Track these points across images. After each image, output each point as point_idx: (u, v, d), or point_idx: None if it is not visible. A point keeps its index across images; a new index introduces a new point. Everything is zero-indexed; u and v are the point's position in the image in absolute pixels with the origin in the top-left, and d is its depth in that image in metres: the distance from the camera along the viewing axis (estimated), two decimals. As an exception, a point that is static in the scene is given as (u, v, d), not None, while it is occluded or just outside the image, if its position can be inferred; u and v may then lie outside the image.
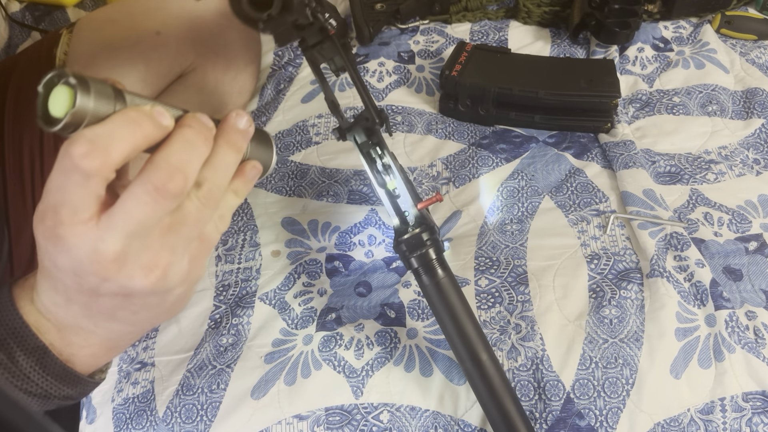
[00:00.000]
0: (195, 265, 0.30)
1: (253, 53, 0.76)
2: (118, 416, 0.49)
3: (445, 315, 0.41)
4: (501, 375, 0.41)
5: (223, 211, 0.31)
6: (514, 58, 0.73)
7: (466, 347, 0.41)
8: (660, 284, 0.51)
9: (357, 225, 0.59)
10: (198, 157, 0.28)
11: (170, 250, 0.28)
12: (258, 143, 0.33)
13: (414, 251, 0.41)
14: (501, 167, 0.64)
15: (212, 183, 0.29)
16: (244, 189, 0.32)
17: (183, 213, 0.28)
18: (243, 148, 0.30)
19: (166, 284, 0.28)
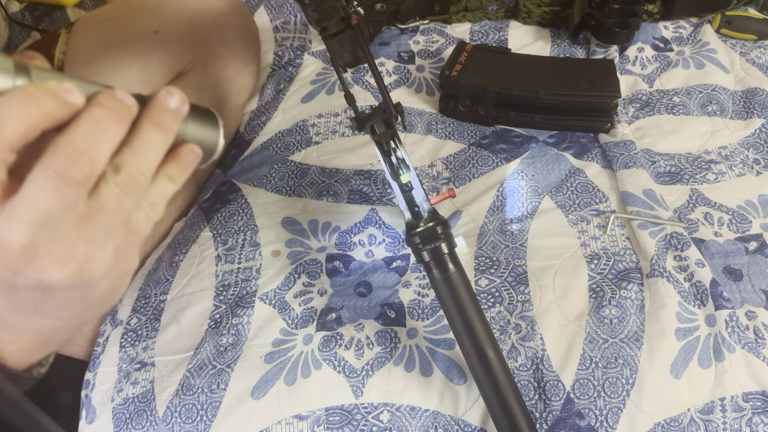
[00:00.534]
0: (121, 257, 0.28)
1: (252, 52, 0.76)
2: (118, 416, 0.49)
3: (453, 310, 0.41)
4: (506, 373, 0.41)
5: (155, 198, 0.28)
6: (514, 58, 0.73)
7: (473, 343, 0.41)
8: (660, 284, 0.51)
9: (357, 225, 0.59)
10: (109, 140, 0.25)
11: (87, 240, 0.26)
12: (200, 124, 0.30)
13: (427, 244, 0.41)
14: (501, 167, 0.64)
15: (134, 167, 0.26)
16: (179, 174, 0.29)
17: (100, 200, 0.25)
18: (172, 128, 0.27)
19: (85, 277, 0.26)
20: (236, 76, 0.72)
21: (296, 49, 0.81)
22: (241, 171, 0.67)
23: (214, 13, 0.70)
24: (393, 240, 0.58)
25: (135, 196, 0.26)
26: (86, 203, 0.25)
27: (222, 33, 0.70)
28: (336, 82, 0.76)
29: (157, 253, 0.61)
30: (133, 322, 0.55)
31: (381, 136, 0.43)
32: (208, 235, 0.60)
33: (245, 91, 0.75)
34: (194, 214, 0.63)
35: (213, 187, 0.66)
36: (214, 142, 0.31)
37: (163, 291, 0.56)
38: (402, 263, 0.56)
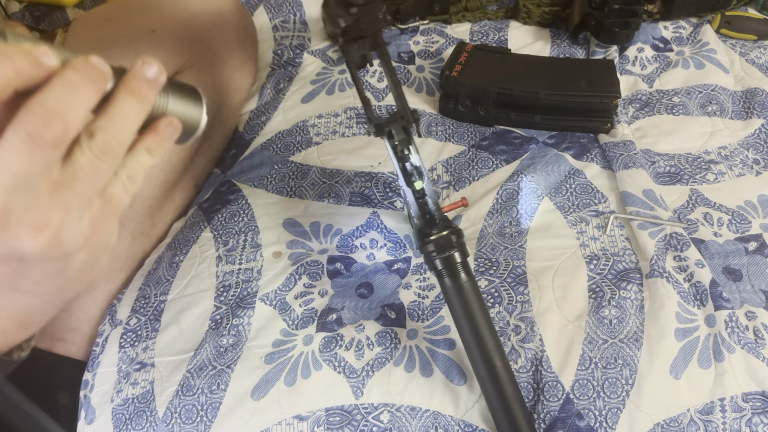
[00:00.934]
0: (98, 229, 0.27)
1: (249, 51, 0.76)
2: (118, 417, 0.49)
3: (463, 319, 0.42)
4: (513, 383, 0.41)
5: (132, 170, 0.28)
6: (514, 58, 0.73)
7: (481, 352, 0.41)
8: (660, 284, 0.51)
9: (359, 228, 0.59)
10: (82, 102, 0.25)
11: (63, 208, 0.25)
12: (181, 99, 0.30)
13: (441, 252, 0.41)
14: (500, 169, 0.64)
15: (108, 134, 0.26)
16: (157, 147, 0.29)
17: (74, 166, 0.25)
18: (149, 98, 0.27)
19: (61, 247, 0.26)
20: (234, 74, 0.72)
21: (295, 48, 0.81)
22: (241, 171, 0.67)
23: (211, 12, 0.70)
24: (394, 245, 0.58)
25: (110, 163, 0.26)
26: (61, 170, 0.25)
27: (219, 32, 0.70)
28: (336, 82, 0.76)
29: (156, 254, 0.61)
30: (133, 322, 0.55)
31: (400, 143, 0.43)
32: (208, 236, 0.60)
33: (243, 90, 0.75)
34: (194, 215, 0.63)
35: (213, 187, 0.66)
36: (197, 118, 0.31)
37: (163, 291, 0.56)
38: (403, 266, 0.56)
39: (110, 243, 0.30)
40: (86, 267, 0.29)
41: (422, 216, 0.43)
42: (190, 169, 0.66)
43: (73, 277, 0.29)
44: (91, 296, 0.58)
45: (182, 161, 0.64)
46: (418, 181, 0.43)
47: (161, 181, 0.62)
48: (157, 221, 0.63)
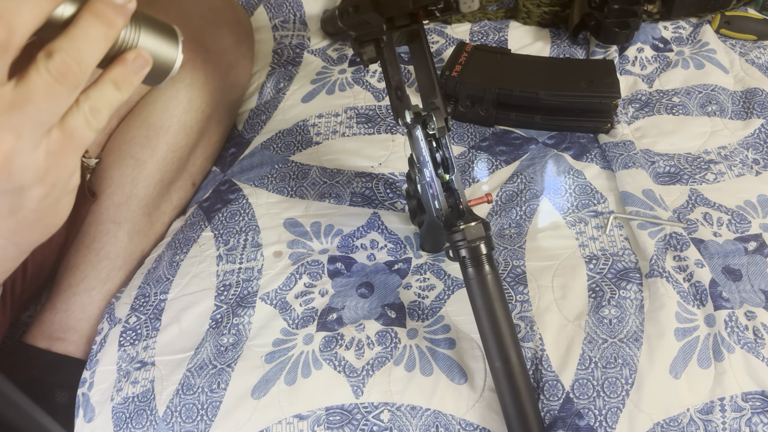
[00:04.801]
0: (57, 163, 0.25)
1: (244, 47, 0.75)
2: (118, 415, 0.49)
3: (483, 311, 0.42)
4: (526, 380, 0.42)
5: (97, 102, 0.26)
6: (514, 58, 0.73)
7: (498, 346, 0.41)
8: (659, 284, 0.51)
9: (359, 229, 0.59)
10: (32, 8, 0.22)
11: (14, 133, 0.23)
12: (154, 35, 0.28)
13: (470, 242, 0.41)
14: (500, 170, 0.64)
15: (67, 54, 0.23)
16: (126, 81, 0.26)
17: (28, 87, 0.23)
18: (115, 23, 0.25)
19: (11, 177, 0.24)
20: (229, 72, 0.72)
21: (295, 47, 0.81)
22: (241, 170, 0.67)
23: (204, 9, 0.70)
24: (395, 245, 0.58)
25: (69, 87, 0.24)
26: (13, 90, 0.23)
27: (213, 29, 0.69)
28: (336, 81, 0.76)
29: (156, 252, 0.61)
30: (132, 320, 0.55)
31: (439, 132, 0.43)
32: (209, 235, 0.60)
33: (240, 87, 0.75)
34: (194, 214, 0.63)
35: (212, 186, 0.66)
36: (171, 56, 0.28)
37: (163, 290, 0.56)
38: (403, 266, 0.56)
39: (72, 184, 0.28)
40: (43, 209, 0.27)
41: (449, 207, 0.43)
42: (187, 168, 0.66)
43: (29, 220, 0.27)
44: (90, 295, 0.58)
45: (179, 160, 0.64)
46: (447, 173, 0.43)
47: (157, 181, 0.62)
48: (154, 220, 0.63)
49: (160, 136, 0.62)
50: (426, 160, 0.43)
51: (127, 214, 0.60)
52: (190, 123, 0.64)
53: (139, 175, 0.61)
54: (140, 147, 0.61)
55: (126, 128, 0.62)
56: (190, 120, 0.63)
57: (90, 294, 0.58)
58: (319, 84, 0.76)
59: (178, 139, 0.63)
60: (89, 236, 0.59)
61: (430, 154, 0.43)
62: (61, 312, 0.57)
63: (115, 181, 0.60)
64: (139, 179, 0.61)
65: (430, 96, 0.45)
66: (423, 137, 0.44)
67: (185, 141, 0.64)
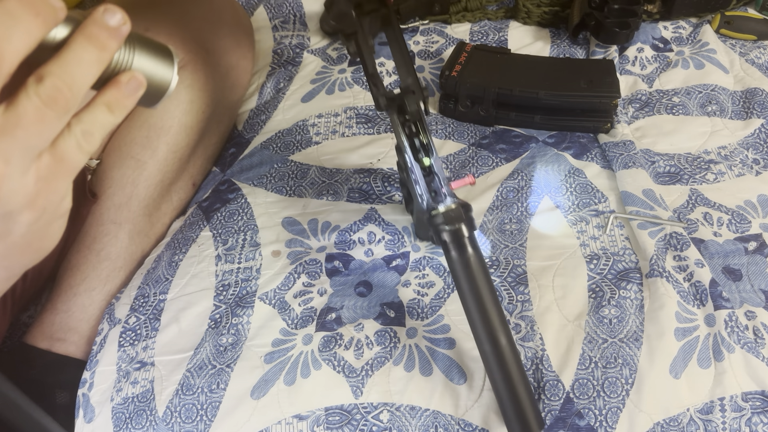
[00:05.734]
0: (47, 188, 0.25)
1: (245, 48, 0.76)
2: (118, 416, 0.49)
3: (469, 294, 0.40)
4: (517, 362, 0.40)
5: (89, 126, 0.25)
6: (514, 58, 0.73)
7: (486, 329, 0.40)
8: (659, 284, 0.51)
9: (356, 222, 0.59)
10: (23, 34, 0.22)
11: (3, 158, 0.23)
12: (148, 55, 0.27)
13: (449, 224, 0.40)
14: (500, 167, 0.64)
15: (59, 79, 0.23)
16: (119, 104, 0.26)
17: (18, 112, 0.22)
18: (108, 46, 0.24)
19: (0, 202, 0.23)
20: (229, 72, 0.72)
21: (295, 47, 0.81)
22: (241, 170, 0.67)
23: (205, 10, 0.70)
24: (392, 237, 0.57)
25: (59, 112, 0.24)
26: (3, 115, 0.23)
27: (213, 29, 0.69)
28: (336, 81, 0.76)
29: (155, 252, 0.61)
30: (132, 321, 0.55)
31: (411, 116, 0.42)
32: (207, 235, 0.60)
33: (240, 87, 0.75)
34: (193, 214, 0.63)
35: (212, 186, 0.66)
36: (166, 77, 0.28)
37: (162, 290, 0.56)
38: (401, 262, 0.56)
39: (63, 208, 0.27)
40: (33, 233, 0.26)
41: (430, 192, 0.42)
42: (187, 169, 0.66)
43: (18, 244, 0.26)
44: (90, 296, 0.58)
45: (179, 160, 0.64)
46: (427, 157, 0.42)
47: (158, 181, 0.62)
48: (155, 221, 0.63)
49: (161, 137, 0.62)
50: (404, 144, 0.43)
51: (127, 214, 0.60)
52: (190, 124, 0.64)
53: (140, 175, 0.61)
54: (141, 148, 0.61)
55: (127, 129, 0.62)
56: (190, 121, 0.64)
57: (90, 294, 0.58)
58: (318, 84, 0.76)
59: (178, 139, 0.63)
60: (90, 237, 0.59)
61: (408, 139, 0.42)
62: (61, 312, 0.57)
63: (115, 182, 0.60)
64: (139, 180, 0.61)
65: (406, 80, 0.44)
66: (399, 122, 0.43)
67: (186, 142, 0.64)
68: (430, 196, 0.42)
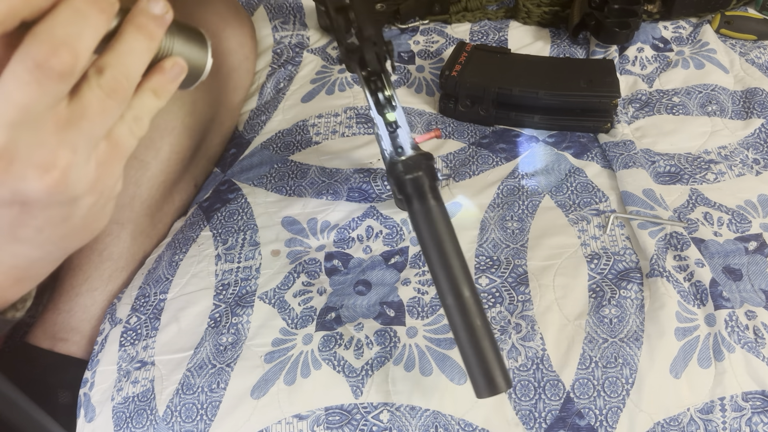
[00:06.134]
0: (105, 173, 0.26)
1: (247, 50, 0.76)
2: (118, 415, 0.49)
3: (430, 245, 0.38)
4: (482, 315, 0.38)
5: (139, 111, 0.27)
6: (514, 58, 0.73)
7: (449, 281, 0.38)
8: (660, 284, 0.51)
9: (355, 219, 0.59)
10: (92, 31, 0.23)
11: (71, 148, 0.24)
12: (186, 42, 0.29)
13: (409, 173, 0.39)
14: (501, 166, 0.64)
15: (117, 70, 0.24)
16: (164, 89, 0.27)
17: (83, 103, 0.24)
18: (156, 35, 0.26)
19: (67, 190, 0.24)
20: (231, 74, 0.72)
21: (295, 46, 0.82)
22: (241, 170, 0.67)
23: (207, 12, 0.70)
24: (390, 230, 0.57)
25: (119, 101, 0.25)
26: (68, 107, 0.24)
27: (216, 32, 0.70)
28: (336, 81, 0.76)
29: (156, 253, 0.61)
30: (133, 320, 0.55)
31: (371, 65, 0.41)
32: (207, 235, 0.60)
33: (242, 89, 0.75)
34: (194, 214, 0.64)
35: (212, 187, 0.66)
36: (202, 61, 0.30)
37: (162, 290, 0.56)
38: (400, 258, 0.56)
39: (116, 190, 0.29)
40: (91, 215, 0.28)
41: (394, 148, 0.40)
42: (189, 169, 0.67)
43: (77, 226, 0.28)
44: (92, 296, 0.58)
45: (182, 162, 0.64)
46: (391, 112, 0.41)
47: (161, 182, 0.62)
48: (156, 221, 0.63)
49: (164, 138, 0.62)
50: (368, 99, 0.41)
51: (130, 215, 0.60)
52: (193, 125, 0.64)
53: (143, 176, 0.61)
54: (144, 148, 0.61)
55: None
56: (193, 122, 0.64)
57: (92, 294, 0.58)
58: (318, 84, 0.76)
59: (181, 140, 0.63)
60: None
61: (372, 94, 0.41)
62: (63, 312, 0.57)
63: None
64: (142, 180, 0.61)
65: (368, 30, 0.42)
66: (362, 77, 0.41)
67: (188, 142, 0.64)
68: (394, 151, 0.40)
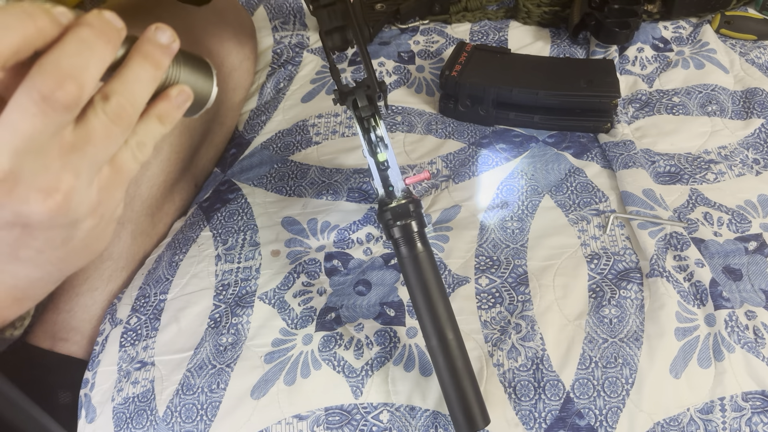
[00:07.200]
0: (106, 197, 0.27)
1: (247, 49, 0.76)
2: (119, 415, 0.49)
3: (417, 289, 0.41)
4: (464, 357, 0.41)
5: (143, 137, 0.27)
6: (513, 58, 0.73)
7: (434, 324, 0.41)
8: (660, 284, 0.51)
9: (356, 223, 0.59)
10: (98, 62, 0.23)
11: (73, 172, 0.24)
12: (192, 71, 0.30)
13: (397, 220, 0.41)
14: (501, 166, 0.64)
15: (122, 97, 0.25)
16: (169, 116, 0.28)
17: (88, 129, 0.24)
18: (162, 64, 0.26)
19: (69, 213, 0.25)
20: (232, 73, 0.72)
21: (295, 46, 0.82)
22: (241, 170, 0.67)
23: (208, 12, 0.70)
24: None
25: (123, 128, 0.25)
26: (73, 132, 0.24)
27: (217, 31, 0.70)
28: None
29: (156, 253, 0.61)
30: (133, 321, 0.55)
31: (363, 111, 0.42)
32: (207, 235, 0.60)
33: (242, 89, 0.75)
34: (194, 214, 0.64)
35: (212, 187, 0.66)
36: (207, 89, 0.30)
37: (162, 290, 0.56)
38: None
39: (116, 214, 0.29)
40: (91, 237, 0.28)
41: (384, 188, 0.42)
42: (189, 169, 0.67)
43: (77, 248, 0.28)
44: (92, 296, 0.58)
45: (182, 161, 0.64)
46: (382, 152, 0.42)
47: (161, 182, 0.62)
48: (157, 221, 0.63)
49: (165, 138, 0.62)
50: (360, 138, 0.43)
51: (130, 214, 0.60)
52: (193, 125, 0.64)
53: (143, 175, 0.61)
54: None
55: None
56: (193, 122, 0.64)
57: (93, 294, 0.58)
58: (318, 84, 0.76)
59: (181, 140, 0.63)
60: None
61: (363, 133, 0.42)
62: (64, 312, 0.57)
63: None
64: (142, 180, 0.61)
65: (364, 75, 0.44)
66: (355, 117, 0.43)
67: (189, 143, 0.64)
68: (384, 191, 0.42)
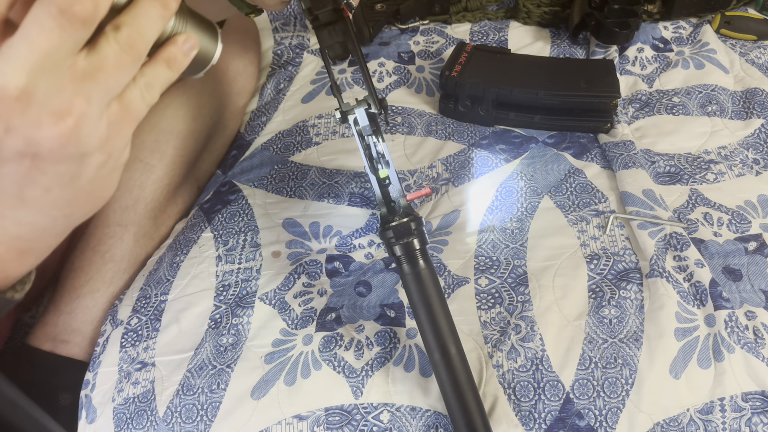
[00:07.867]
0: (115, 133, 0.27)
1: (252, 54, 0.76)
2: (119, 416, 0.49)
3: (420, 305, 0.42)
4: (466, 371, 0.42)
5: (151, 79, 0.28)
6: (513, 58, 0.73)
7: (436, 339, 0.41)
8: (659, 284, 0.51)
9: (358, 230, 0.59)
10: None
11: (86, 98, 0.25)
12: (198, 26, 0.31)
13: (400, 239, 0.41)
14: (500, 167, 0.64)
15: (133, 29, 0.25)
16: (177, 60, 0.29)
17: (100, 56, 0.25)
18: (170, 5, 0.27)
19: (80, 142, 0.25)
20: (236, 78, 0.72)
21: (295, 47, 0.82)
22: (242, 172, 0.67)
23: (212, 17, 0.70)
24: None
25: (133, 59, 0.26)
26: (86, 58, 0.24)
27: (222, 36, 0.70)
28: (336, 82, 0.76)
29: (157, 254, 0.61)
30: (134, 322, 0.55)
31: (363, 130, 0.43)
32: (208, 236, 0.60)
33: (246, 93, 0.75)
34: (195, 215, 0.64)
35: (213, 188, 0.66)
36: (212, 48, 0.31)
37: (163, 291, 0.56)
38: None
39: (123, 157, 0.30)
40: (98, 178, 0.28)
41: (386, 204, 0.43)
42: (193, 172, 0.67)
43: (84, 189, 0.28)
44: (94, 298, 0.58)
45: (186, 164, 0.64)
46: (383, 168, 0.43)
47: (165, 185, 0.62)
48: (159, 224, 0.64)
49: (170, 141, 0.62)
50: (362, 155, 0.43)
51: (133, 217, 0.60)
52: (198, 129, 0.64)
53: (148, 179, 0.61)
54: (150, 151, 0.61)
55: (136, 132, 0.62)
56: (198, 126, 0.64)
57: (94, 296, 0.58)
58: (318, 84, 0.76)
59: (186, 144, 0.63)
60: (95, 238, 0.60)
61: (364, 150, 0.43)
62: (65, 314, 0.57)
63: (123, 185, 0.61)
64: (147, 183, 0.61)
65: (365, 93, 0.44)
66: (356, 133, 0.43)
67: (193, 146, 0.64)
68: (386, 208, 0.43)
